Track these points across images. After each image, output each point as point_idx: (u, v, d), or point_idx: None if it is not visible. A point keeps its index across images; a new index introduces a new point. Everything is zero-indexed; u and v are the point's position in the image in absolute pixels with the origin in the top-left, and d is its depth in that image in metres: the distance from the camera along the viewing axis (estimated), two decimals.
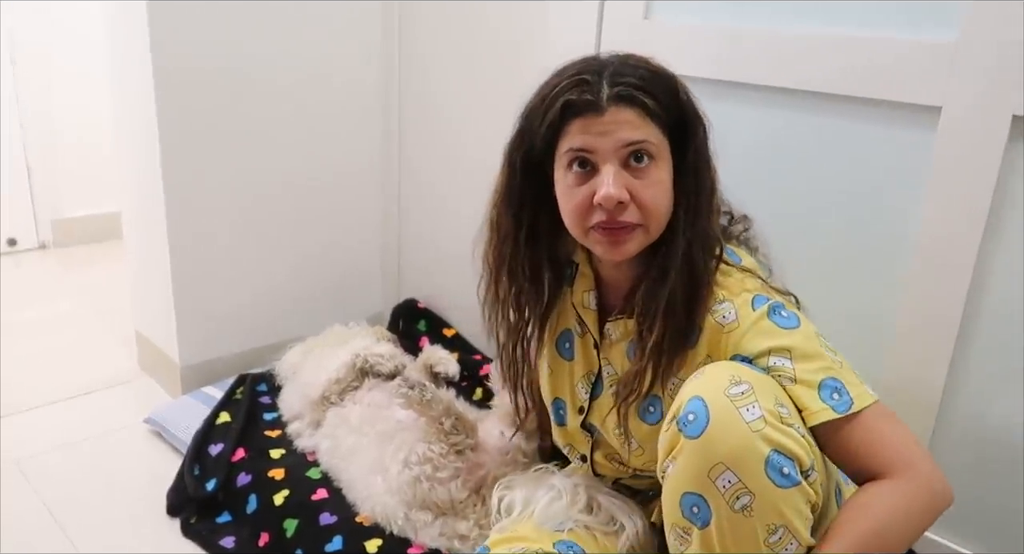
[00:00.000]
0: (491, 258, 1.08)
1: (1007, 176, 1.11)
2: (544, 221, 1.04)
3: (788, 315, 0.94)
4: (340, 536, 1.30)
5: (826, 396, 0.88)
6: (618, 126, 0.92)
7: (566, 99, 0.93)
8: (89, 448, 1.67)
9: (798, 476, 0.82)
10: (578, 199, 0.95)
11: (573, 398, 1.15)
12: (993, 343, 1.18)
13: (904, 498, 0.85)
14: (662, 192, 0.94)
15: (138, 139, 1.75)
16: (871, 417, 0.88)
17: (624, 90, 0.92)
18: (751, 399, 0.83)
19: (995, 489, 1.21)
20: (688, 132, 0.96)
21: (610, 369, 1.09)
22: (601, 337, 1.09)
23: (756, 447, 0.80)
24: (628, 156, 0.93)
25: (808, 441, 0.85)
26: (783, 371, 0.89)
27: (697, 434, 0.82)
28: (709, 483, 0.82)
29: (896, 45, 1.17)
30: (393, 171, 2.07)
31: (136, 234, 1.93)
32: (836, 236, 1.32)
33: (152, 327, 1.94)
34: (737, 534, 0.82)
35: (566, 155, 0.95)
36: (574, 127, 0.94)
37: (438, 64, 1.88)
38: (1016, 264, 1.13)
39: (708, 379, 0.86)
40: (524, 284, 1.08)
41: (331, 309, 2.07)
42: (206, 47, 1.69)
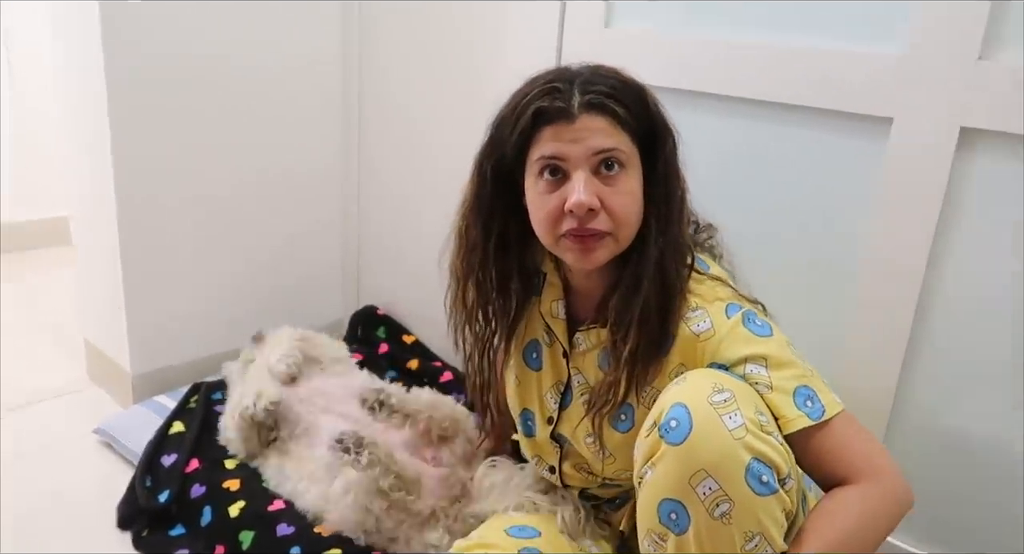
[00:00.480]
0: (458, 268, 1.07)
1: (955, 185, 1.14)
2: (514, 230, 1.04)
3: (761, 323, 0.95)
4: (298, 547, 1.28)
5: (800, 403, 0.90)
6: (590, 133, 0.92)
7: (538, 106, 0.93)
8: (37, 460, 1.62)
9: (776, 484, 0.83)
10: (549, 207, 0.95)
11: (542, 408, 1.14)
12: (943, 348, 1.21)
13: (871, 503, 0.87)
14: (632, 201, 0.95)
15: (89, 142, 1.71)
16: (840, 424, 0.91)
17: (595, 98, 0.93)
18: (733, 407, 0.83)
19: (945, 491, 1.24)
20: (658, 142, 0.97)
21: (581, 378, 1.09)
22: (571, 347, 1.09)
23: (738, 455, 0.81)
24: (599, 164, 0.93)
25: (785, 449, 0.86)
26: (759, 379, 0.90)
27: (680, 441, 0.83)
28: (689, 490, 0.82)
29: (849, 57, 1.20)
30: (353, 173, 2.05)
31: (85, 239, 1.87)
32: (791, 243, 1.34)
33: (102, 335, 1.89)
34: (715, 541, 0.83)
35: (537, 163, 0.96)
36: (545, 134, 0.94)
37: (399, 65, 1.87)
38: (964, 270, 1.17)
39: (691, 386, 0.87)
40: (492, 294, 1.08)
41: (289, 315, 2.03)
42: (160, 47, 1.65)
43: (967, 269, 1.17)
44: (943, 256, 1.18)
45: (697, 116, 1.39)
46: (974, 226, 1.15)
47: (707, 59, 1.35)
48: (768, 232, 1.36)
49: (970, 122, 1.11)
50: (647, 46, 1.42)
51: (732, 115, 1.35)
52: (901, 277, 1.21)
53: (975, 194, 1.14)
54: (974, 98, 1.09)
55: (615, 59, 1.47)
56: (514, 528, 1.12)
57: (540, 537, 1.10)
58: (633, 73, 0.99)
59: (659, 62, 1.41)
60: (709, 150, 1.40)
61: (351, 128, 2.01)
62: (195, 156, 1.77)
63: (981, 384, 1.19)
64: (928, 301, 1.20)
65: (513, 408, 1.19)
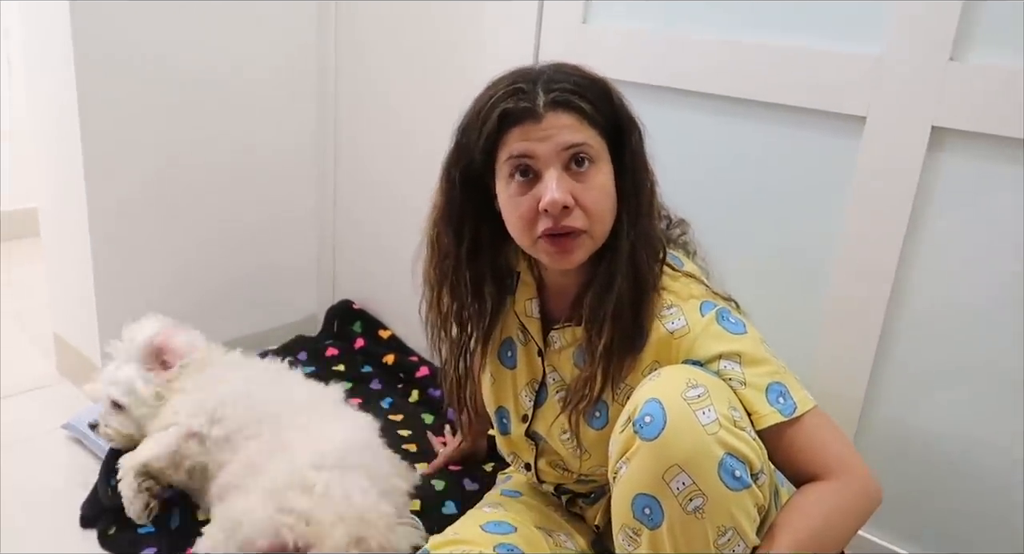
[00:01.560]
0: (431, 275, 1.07)
1: (927, 184, 1.16)
2: (486, 234, 1.03)
3: (735, 321, 0.96)
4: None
5: (773, 400, 0.91)
6: (557, 130, 0.92)
7: (503, 108, 0.93)
8: (4, 455, 1.59)
9: (749, 479, 0.84)
10: (523, 208, 0.94)
11: (516, 406, 1.14)
12: (914, 345, 1.23)
13: (842, 499, 0.89)
14: (605, 196, 0.95)
15: (58, 133, 1.68)
16: (812, 421, 0.92)
17: (560, 96, 0.92)
18: (707, 402, 0.84)
19: (917, 488, 1.26)
20: (624, 136, 0.97)
21: (556, 376, 1.09)
22: (545, 345, 1.09)
23: (711, 450, 0.82)
24: (569, 160, 0.93)
25: (758, 444, 0.87)
26: (733, 375, 0.91)
27: (654, 436, 0.83)
28: (663, 485, 0.83)
29: (824, 57, 1.21)
30: (329, 166, 2.03)
31: (55, 231, 1.84)
32: (764, 239, 1.35)
33: (72, 329, 1.86)
34: (688, 535, 0.83)
35: (507, 164, 0.95)
36: (513, 135, 0.94)
37: (376, 55, 1.86)
38: (935, 268, 1.18)
39: (665, 382, 0.87)
40: (466, 300, 1.07)
41: (263, 309, 2.02)
42: (130, 35, 1.63)
43: (938, 267, 1.18)
44: (914, 254, 1.19)
45: (672, 112, 1.40)
46: (944, 225, 1.16)
47: (683, 56, 1.36)
48: (741, 229, 1.37)
49: (941, 122, 1.12)
50: (624, 43, 1.42)
51: (707, 112, 1.36)
52: (873, 274, 1.22)
53: (946, 193, 1.15)
54: (945, 98, 1.11)
55: (592, 55, 1.48)
56: (490, 524, 1.12)
57: (515, 533, 1.10)
58: (596, 69, 0.98)
59: (636, 59, 1.41)
60: (684, 146, 1.41)
61: (327, 120, 2.00)
62: (166, 147, 1.75)
63: (951, 382, 1.20)
64: (899, 299, 1.22)
65: (489, 406, 1.19)
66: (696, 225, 1.23)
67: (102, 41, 1.59)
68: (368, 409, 1.70)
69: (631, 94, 1.00)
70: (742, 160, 1.35)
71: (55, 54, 1.60)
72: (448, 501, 1.39)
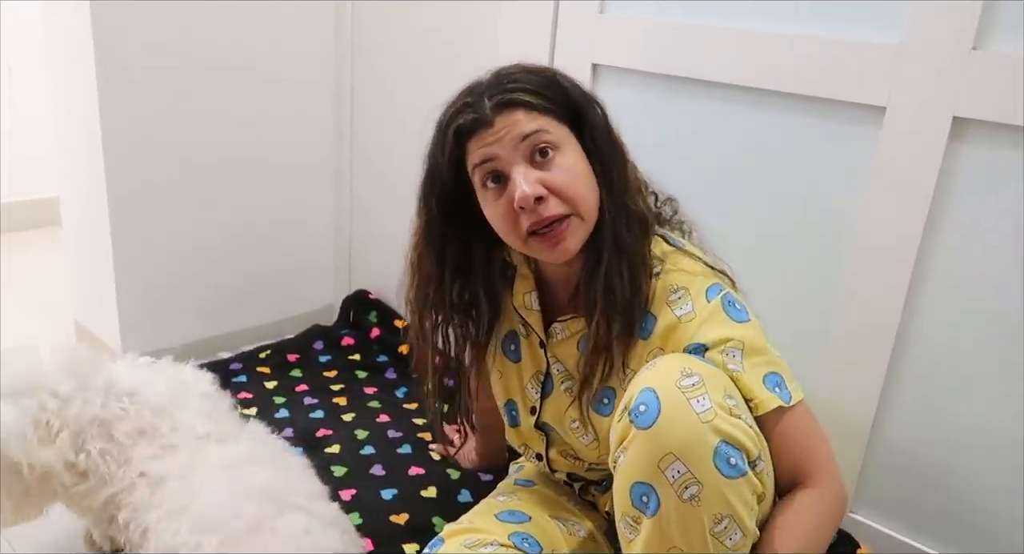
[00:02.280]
0: (413, 299, 1.08)
1: (947, 176, 1.14)
2: (478, 253, 1.05)
3: (740, 308, 0.97)
4: None
5: (770, 388, 0.92)
6: (510, 128, 0.93)
7: (456, 126, 0.96)
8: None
9: (745, 466, 0.84)
10: (501, 211, 0.96)
11: (524, 399, 1.15)
12: (932, 338, 1.22)
13: (829, 506, 0.94)
14: (576, 175, 0.95)
15: (79, 124, 1.70)
16: (802, 411, 0.95)
17: (503, 97, 0.94)
18: (701, 391, 0.84)
19: (932, 490, 1.26)
20: (582, 115, 0.98)
21: (560, 367, 1.09)
22: (548, 336, 1.09)
23: (705, 438, 0.82)
24: (532, 153, 0.94)
25: (755, 431, 0.88)
26: (733, 363, 0.92)
27: (648, 425, 0.83)
28: (659, 473, 0.83)
29: (843, 45, 1.20)
30: (345, 159, 2.04)
31: (76, 221, 1.86)
32: (782, 230, 1.34)
33: (92, 317, 1.88)
34: (684, 523, 0.84)
35: (476, 175, 0.97)
36: (472, 147, 0.96)
37: (392, 54, 1.86)
38: (955, 262, 1.17)
39: (659, 370, 0.87)
40: (454, 321, 1.09)
41: (280, 299, 2.04)
42: (152, 32, 1.64)
43: (957, 258, 1.17)
44: (934, 245, 1.18)
45: (689, 103, 1.39)
46: (965, 216, 1.15)
47: (701, 46, 1.35)
48: (758, 219, 1.36)
49: (963, 112, 1.11)
50: (641, 33, 1.41)
51: (724, 102, 1.35)
52: (891, 266, 1.21)
53: (966, 184, 1.14)
54: (967, 88, 1.09)
55: (609, 46, 1.48)
56: (504, 513, 1.12)
57: (530, 522, 1.11)
58: (538, 59, 1.01)
59: (653, 49, 1.40)
60: (701, 137, 1.40)
61: (343, 115, 2.00)
62: (186, 139, 1.76)
63: (970, 375, 1.19)
64: (918, 289, 1.21)
65: (498, 399, 1.19)
66: (713, 215, 1.23)
67: (123, 40, 1.61)
68: (383, 398, 1.72)
69: (648, 83, 1.00)
70: (760, 150, 1.34)
71: (77, 51, 1.62)
72: (463, 489, 1.40)
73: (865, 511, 1.33)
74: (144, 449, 1.13)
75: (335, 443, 1.53)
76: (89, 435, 1.14)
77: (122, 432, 1.14)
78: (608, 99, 1.04)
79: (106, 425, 1.14)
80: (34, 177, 2.73)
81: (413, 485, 1.40)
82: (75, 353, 1.22)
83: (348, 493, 1.37)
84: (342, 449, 1.51)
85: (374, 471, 1.44)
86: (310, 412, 1.64)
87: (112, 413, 1.15)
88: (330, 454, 1.49)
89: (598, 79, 1.49)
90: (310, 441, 1.53)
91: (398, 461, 1.48)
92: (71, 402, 1.14)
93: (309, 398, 1.70)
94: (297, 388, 1.73)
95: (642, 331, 0.99)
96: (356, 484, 1.39)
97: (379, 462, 1.47)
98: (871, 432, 1.29)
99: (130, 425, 1.14)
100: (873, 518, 1.32)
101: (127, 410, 1.15)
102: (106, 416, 1.15)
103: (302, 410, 1.65)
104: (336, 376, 1.81)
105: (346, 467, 1.45)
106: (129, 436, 1.14)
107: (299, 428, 1.57)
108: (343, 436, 1.55)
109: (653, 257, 1.00)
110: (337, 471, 1.43)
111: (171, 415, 1.16)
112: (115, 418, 1.15)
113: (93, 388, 1.17)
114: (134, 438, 1.14)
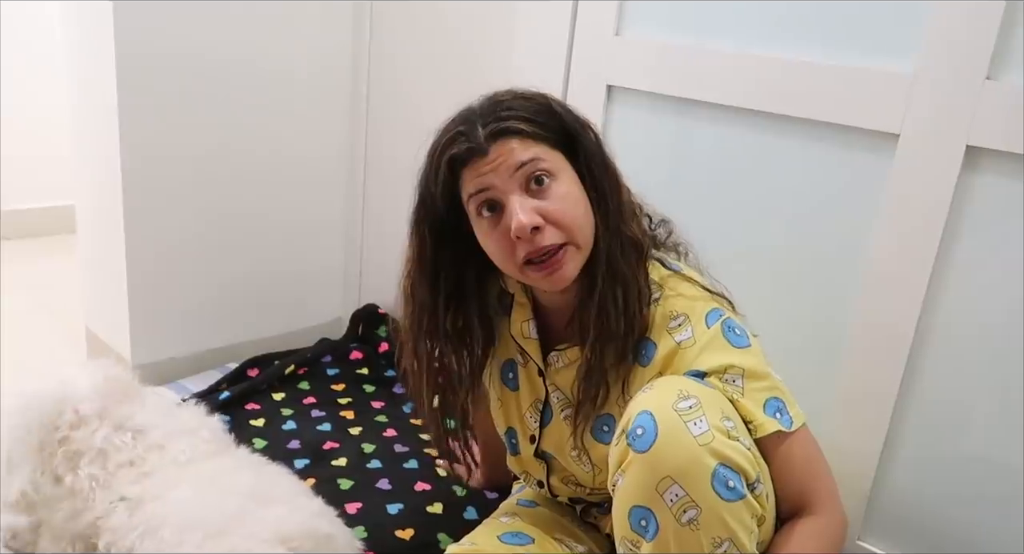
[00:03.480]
0: (408, 327, 1.08)
1: (960, 203, 1.15)
2: (470, 280, 1.05)
3: (740, 333, 0.96)
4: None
5: (771, 414, 0.92)
6: (505, 157, 0.93)
7: (450, 155, 0.95)
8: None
9: (743, 489, 0.84)
10: (498, 241, 0.95)
11: (523, 427, 1.14)
12: (943, 364, 1.21)
13: (831, 537, 0.94)
14: (572, 203, 0.95)
15: (97, 132, 1.71)
16: (805, 437, 0.95)
17: (497, 126, 0.94)
18: (698, 413, 0.84)
19: (941, 519, 1.25)
20: (576, 140, 0.98)
21: (559, 395, 1.08)
22: (546, 365, 1.08)
23: (703, 461, 0.82)
24: (528, 181, 0.94)
25: (754, 453, 0.88)
26: (734, 389, 0.92)
27: (645, 448, 0.83)
28: (657, 497, 0.83)
29: (858, 72, 1.20)
30: (359, 170, 2.05)
31: (90, 229, 1.88)
32: (791, 257, 1.34)
33: (104, 324, 1.89)
34: (684, 547, 0.83)
35: (471, 205, 0.96)
36: (466, 176, 0.95)
37: (408, 58, 1.87)
38: (966, 290, 1.17)
39: (657, 394, 0.87)
40: (448, 348, 1.08)
41: (290, 311, 2.05)
42: (171, 40, 1.66)
43: (968, 289, 1.17)
44: (944, 275, 1.18)
45: (703, 126, 1.40)
46: (977, 245, 1.15)
47: (715, 70, 1.36)
48: (770, 244, 1.36)
49: (976, 141, 1.11)
50: (657, 56, 1.43)
51: (738, 126, 1.36)
52: (901, 294, 1.21)
53: (979, 213, 1.14)
54: (980, 117, 1.10)
55: (624, 67, 1.49)
56: (507, 535, 1.12)
57: (533, 544, 1.10)
58: (534, 86, 1.00)
59: (668, 72, 1.41)
60: (713, 160, 1.41)
61: (358, 126, 2.02)
62: (201, 150, 1.78)
63: (981, 404, 1.19)
64: (929, 320, 1.20)
65: (498, 427, 1.19)
66: (723, 238, 1.23)
67: (143, 42, 1.62)
68: (390, 413, 1.72)
69: (661, 106, 1.01)
70: (772, 175, 1.34)
71: (95, 59, 1.64)
72: (469, 506, 1.40)
73: (872, 540, 1.32)
74: (125, 475, 1.17)
75: (342, 456, 1.53)
76: (86, 459, 1.19)
77: (114, 462, 1.19)
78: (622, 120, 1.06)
79: (103, 454, 1.19)
80: (49, 185, 2.76)
81: (419, 500, 1.40)
82: (113, 382, 1.27)
83: (354, 507, 1.37)
84: (349, 462, 1.51)
85: (380, 485, 1.44)
86: (317, 425, 1.64)
87: (113, 445, 1.19)
88: (336, 467, 1.49)
89: (612, 100, 1.51)
90: (317, 453, 1.53)
91: (404, 476, 1.48)
92: (86, 424, 1.20)
93: (316, 411, 1.70)
94: (305, 400, 1.74)
95: (643, 358, 0.99)
96: (362, 498, 1.40)
97: (385, 476, 1.47)
98: (880, 456, 1.28)
99: (123, 457, 1.19)
100: (881, 546, 1.31)
101: (127, 445, 1.19)
102: (106, 447, 1.19)
103: (309, 422, 1.65)
104: (344, 389, 1.81)
105: (352, 480, 1.45)
106: (120, 466, 1.18)
107: (306, 440, 1.57)
108: (350, 449, 1.55)
109: (651, 283, 0.99)
110: (343, 484, 1.43)
111: (161, 449, 1.21)
112: (114, 450, 1.19)
113: (109, 417, 1.21)
114: (122, 467, 1.18)
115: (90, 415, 1.21)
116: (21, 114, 2.71)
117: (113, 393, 1.25)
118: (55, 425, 1.20)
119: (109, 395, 1.24)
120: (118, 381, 1.28)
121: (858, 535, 1.32)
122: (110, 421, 1.21)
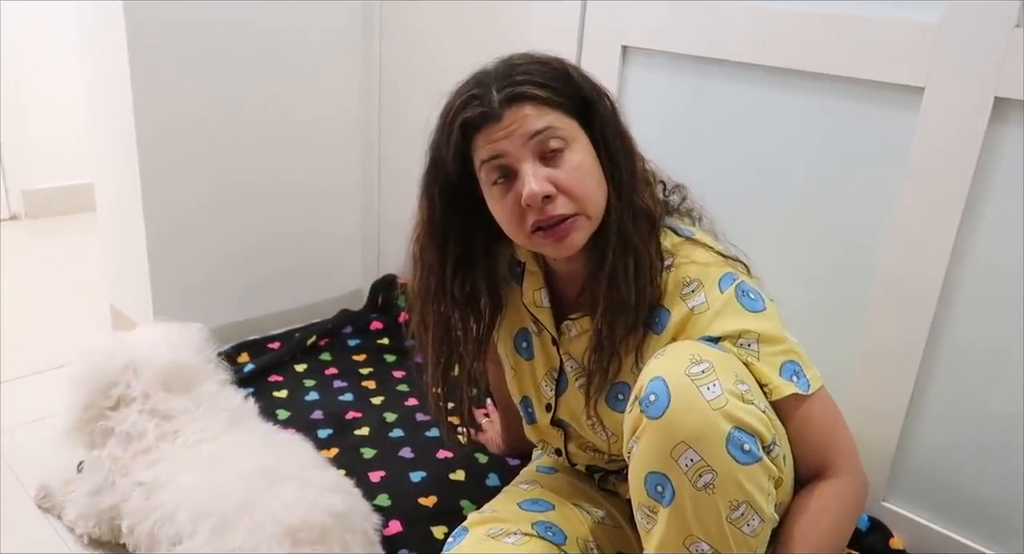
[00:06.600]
0: (416, 290, 1.07)
1: (988, 158, 1.11)
2: (479, 245, 1.04)
3: (755, 297, 0.95)
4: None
5: (787, 377, 0.91)
6: (519, 123, 0.91)
7: (463, 119, 0.93)
8: (62, 423, 1.65)
9: (760, 452, 0.83)
10: (508, 207, 0.94)
11: (539, 396, 1.14)
12: (969, 321, 1.19)
13: (847, 502, 0.93)
14: (585, 174, 0.94)
15: (113, 109, 1.72)
16: (823, 398, 0.94)
17: (512, 90, 0.92)
18: (712, 377, 0.83)
19: (967, 480, 1.23)
20: (592, 108, 0.96)
21: (573, 363, 1.08)
22: (559, 333, 1.08)
23: (717, 425, 0.81)
24: (541, 149, 0.92)
25: (769, 416, 0.87)
26: (749, 353, 0.91)
27: (659, 414, 0.83)
28: (672, 462, 0.82)
29: (880, 24, 1.17)
30: (374, 140, 2.04)
31: (110, 206, 1.89)
32: (814, 216, 1.32)
33: (127, 300, 1.91)
34: (700, 512, 0.83)
35: (484, 171, 0.95)
36: (479, 142, 0.94)
37: (423, 23, 1.85)
38: (995, 244, 1.14)
39: (669, 359, 0.87)
40: (456, 314, 1.07)
41: (309, 283, 2.06)
42: (182, 14, 1.65)
43: (998, 241, 1.14)
44: (972, 230, 1.15)
45: (718, 85, 1.37)
46: (1006, 198, 1.12)
47: (733, 26, 1.32)
48: (789, 205, 1.34)
49: (1005, 92, 1.08)
50: (671, 13, 1.39)
51: (754, 84, 1.33)
52: (927, 251, 1.19)
53: (1008, 167, 1.11)
54: (1010, 67, 1.06)
55: (638, 27, 1.45)
56: (527, 502, 1.12)
57: (553, 510, 1.11)
58: (547, 50, 0.97)
59: (681, 29, 1.38)
60: (729, 119, 1.38)
61: (372, 98, 2.00)
62: (214, 119, 1.78)
63: (1008, 364, 1.17)
64: (956, 273, 1.18)
65: (514, 396, 1.19)
66: (743, 198, 1.21)
67: (153, 15, 1.61)
68: (411, 382, 1.73)
69: (679, 66, 0.98)
70: (793, 133, 1.31)
71: (107, 30, 1.64)
72: (491, 473, 1.41)
73: (898, 500, 1.31)
74: (142, 461, 1.19)
75: (364, 426, 1.54)
76: (114, 440, 1.22)
77: (135, 448, 1.20)
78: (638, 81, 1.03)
79: (127, 438, 1.21)
80: (71, 163, 2.77)
81: (442, 468, 1.41)
82: (177, 368, 1.28)
83: (377, 475, 1.38)
84: (371, 431, 1.53)
85: (403, 453, 1.46)
86: (340, 395, 1.66)
87: (138, 431, 1.21)
88: (359, 436, 1.51)
89: (628, 61, 1.47)
90: (340, 423, 1.55)
91: (427, 444, 1.49)
92: (126, 405, 1.23)
93: (338, 381, 1.72)
94: (327, 371, 1.75)
95: (656, 325, 0.98)
96: (385, 466, 1.41)
97: (408, 445, 1.48)
98: (905, 415, 1.26)
99: (144, 445, 1.20)
100: (906, 507, 1.30)
101: (150, 431, 1.21)
102: (132, 432, 1.21)
103: (332, 393, 1.67)
104: (365, 360, 1.82)
105: (375, 449, 1.46)
106: (138, 453, 1.20)
107: (329, 411, 1.59)
108: (372, 419, 1.57)
109: (664, 250, 0.98)
110: (367, 453, 1.45)
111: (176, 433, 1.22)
112: (137, 436, 1.21)
113: (150, 401, 1.23)
114: (140, 454, 1.20)
115: (137, 396, 1.23)
116: (43, 94, 2.72)
117: (170, 379, 1.26)
118: (107, 394, 1.23)
119: (164, 379, 1.25)
120: (183, 368, 1.28)
121: (883, 496, 1.31)
122: (149, 405, 1.23)
